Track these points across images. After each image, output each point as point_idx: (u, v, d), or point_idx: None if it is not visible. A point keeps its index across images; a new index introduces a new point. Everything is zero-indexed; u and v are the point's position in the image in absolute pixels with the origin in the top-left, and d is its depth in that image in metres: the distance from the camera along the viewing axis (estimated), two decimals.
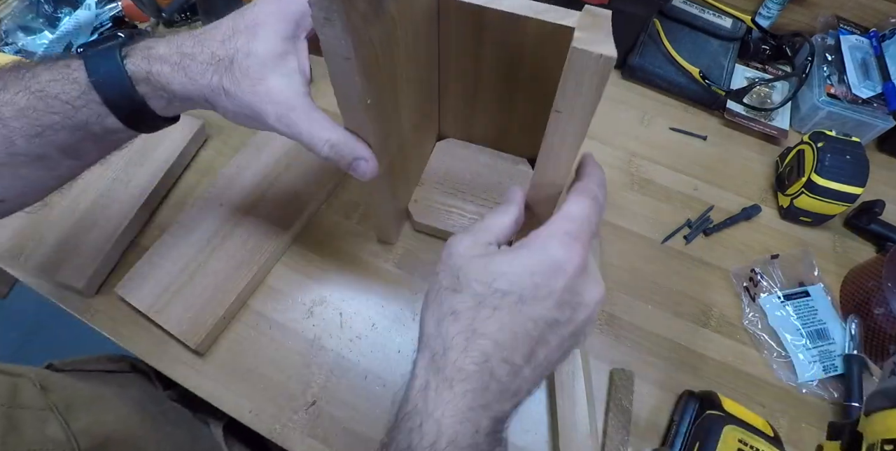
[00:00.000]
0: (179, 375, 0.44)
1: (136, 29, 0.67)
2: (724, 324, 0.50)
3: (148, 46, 0.32)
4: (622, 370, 0.46)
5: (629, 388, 0.45)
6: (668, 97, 0.66)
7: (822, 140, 0.53)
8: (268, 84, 0.32)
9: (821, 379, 0.47)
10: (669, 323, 0.49)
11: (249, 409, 0.43)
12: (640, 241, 0.54)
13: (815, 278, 0.52)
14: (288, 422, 0.43)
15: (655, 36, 0.66)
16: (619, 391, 0.45)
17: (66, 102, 0.31)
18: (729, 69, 0.65)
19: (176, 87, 0.32)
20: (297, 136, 0.33)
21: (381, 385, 0.44)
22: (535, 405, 0.44)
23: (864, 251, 0.56)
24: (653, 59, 0.65)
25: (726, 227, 0.56)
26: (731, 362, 0.48)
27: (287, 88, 0.32)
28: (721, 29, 0.68)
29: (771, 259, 0.53)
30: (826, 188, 0.51)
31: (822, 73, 0.63)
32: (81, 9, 0.68)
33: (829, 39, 0.66)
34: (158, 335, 0.45)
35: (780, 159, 0.60)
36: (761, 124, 0.63)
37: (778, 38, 0.69)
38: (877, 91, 0.60)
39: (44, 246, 0.47)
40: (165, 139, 0.54)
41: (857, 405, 0.45)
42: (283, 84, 0.32)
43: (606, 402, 0.45)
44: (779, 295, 0.51)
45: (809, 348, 0.48)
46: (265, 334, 0.46)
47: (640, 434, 0.44)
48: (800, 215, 0.56)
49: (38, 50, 0.65)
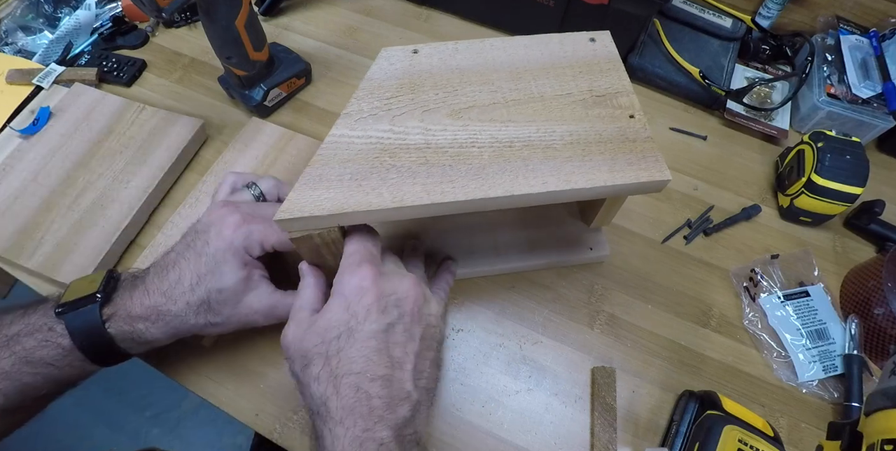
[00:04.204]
0: (180, 376, 0.44)
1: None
2: (724, 324, 0.50)
3: (126, 309, 0.36)
4: (603, 368, 0.46)
5: (611, 385, 0.45)
6: (668, 97, 0.66)
7: (822, 140, 0.53)
8: (246, 303, 0.37)
9: (821, 379, 0.47)
10: (669, 323, 0.49)
11: (255, 412, 0.43)
12: (640, 241, 0.54)
13: (815, 278, 0.52)
14: (288, 422, 0.43)
15: (655, 36, 0.66)
16: (601, 388, 0.44)
17: (50, 364, 0.34)
18: (729, 69, 0.65)
19: (159, 336, 0.36)
20: (286, 318, 0.37)
21: None
22: (535, 406, 0.44)
23: (864, 251, 0.56)
24: (653, 59, 0.65)
25: (726, 227, 0.56)
26: (731, 363, 0.48)
27: (261, 296, 0.38)
28: (721, 29, 0.68)
29: (771, 259, 0.53)
30: (826, 188, 0.51)
31: (822, 74, 0.63)
32: (81, 9, 0.68)
33: (829, 39, 0.66)
34: None
35: (780, 159, 0.60)
36: (761, 124, 0.63)
37: (778, 38, 0.69)
38: (877, 91, 0.60)
39: (44, 246, 0.47)
40: (165, 139, 0.54)
41: (857, 405, 0.45)
42: (257, 296, 0.38)
43: (591, 401, 0.45)
44: (779, 295, 0.51)
45: (809, 348, 0.48)
46: (265, 335, 0.46)
47: (640, 434, 0.44)
48: (800, 215, 0.56)
49: (37, 50, 0.65)
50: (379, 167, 0.35)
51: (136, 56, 0.64)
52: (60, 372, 0.35)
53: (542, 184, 0.34)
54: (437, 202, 0.34)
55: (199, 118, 0.56)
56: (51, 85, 0.60)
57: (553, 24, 0.65)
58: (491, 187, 0.34)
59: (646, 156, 0.36)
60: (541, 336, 0.48)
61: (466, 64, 0.41)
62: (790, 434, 0.45)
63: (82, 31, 0.67)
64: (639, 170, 0.35)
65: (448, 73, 0.40)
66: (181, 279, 0.36)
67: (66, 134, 0.54)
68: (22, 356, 0.34)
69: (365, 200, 0.34)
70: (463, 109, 0.38)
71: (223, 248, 0.36)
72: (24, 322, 0.35)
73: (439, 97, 0.39)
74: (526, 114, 0.38)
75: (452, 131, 0.37)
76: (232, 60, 0.53)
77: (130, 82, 0.62)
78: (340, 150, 0.36)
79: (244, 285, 0.37)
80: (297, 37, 0.68)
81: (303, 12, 0.71)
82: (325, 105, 0.62)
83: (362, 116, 0.38)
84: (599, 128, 0.37)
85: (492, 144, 0.36)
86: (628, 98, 0.39)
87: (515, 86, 0.40)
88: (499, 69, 0.41)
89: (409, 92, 0.39)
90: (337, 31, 0.69)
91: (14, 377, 0.34)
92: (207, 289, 0.36)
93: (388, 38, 0.69)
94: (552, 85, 0.40)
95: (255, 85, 0.57)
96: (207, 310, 0.36)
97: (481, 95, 0.39)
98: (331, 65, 0.65)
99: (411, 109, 0.38)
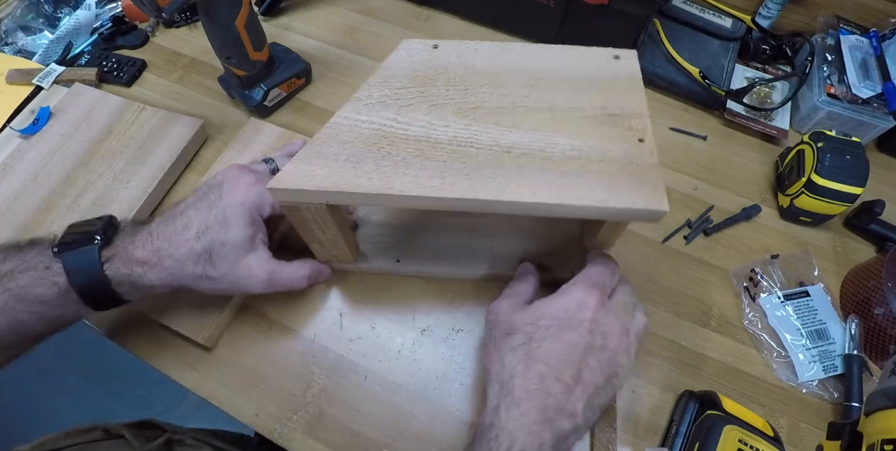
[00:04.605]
0: (180, 375, 0.44)
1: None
2: (724, 324, 0.50)
3: (126, 252, 0.35)
4: None
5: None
6: (668, 97, 0.66)
7: (822, 140, 0.53)
8: (246, 263, 0.38)
9: (821, 379, 0.47)
10: (669, 323, 0.49)
11: (255, 412, 0.43)
12: (640, 241, 0.54)
13: (815, 278, 0.52)
14: (288, 422, 0.43)
15: (655, 36, 0.66)
16: None
17: (44, 302, 0.34)
18: (729, 69, 0.65)
19: (155, 282, 0.36)
20: (282, 288, 0.41)
21: (382, 386, 0.44)
22: None
23: (864, 251, 0.56)
24: (653, 59, 0.65)
25: (726, 227, 0.56)
26: (731, 363, 0.48)
27: (260, 260, 0.39)
28: (721, 29, 0.68)
29: (771, 259, 0.53)
30: (826, 188, 0.51)
31: (822, 74, 0.63)
32: (81, 9, 0.68)
33: (829, 39, 0.66)
34: (160, 337, 0.45)
35: (780, 159, 0.60)
36: (761, 124, 0.63)
37: (778, 38, 0.69)
38: (877, 91, 0.60)
39: None
40: (165, 139, 0.54)
41: (857, 405, 0.45)
42: (257, 259, 0.39)
43: None
44: (779, 295, 0.51)
45: (809, 348, 0.48)
46: (265, 335, 0.46)
47: (640, 434, 0.44)
48: (800, 215, 0.56)
49: (37, 50, 0.65)
50: (376, 153, 0.35)
51: (136, 56, 0.64)
52: (54, 312, 0.34)
53: (531, 194, 0.33)
54: (423, 195, 0.33)
55: (199, 118, 0.56)
56: (51, 85, 0.60)
57: (553, 24, 0.65)
58: (480, 189, 0.34)
59: (646, 182, 0.34)
60: None
61: (483, 65, 0.40)
62: (790, 434, 0.45)
63: (82, 31, 0.67)
64: (636, 196, 0.33)
65: (463, 71, 0.40)
66: (188, 226, 0.37)
67: (66, 134, 0.54)
68: (16, 293, 0.33)
69: (354, 182, 0.34)
70: (470, 108, 0.38)
71: (235, 203, 0.37)
72: (18, 259, 0.34)
73: (449, 94, 0.39)
74: (532, 122, 0.37)
75: (454, 129, 0.37)
76: (232, 60, 0.53)
77: (130, 82, 0.62)
78: (343, 131, 0.37)
79: (247, 244, 0.38)
80: (297, 37, 0.68)
81: (303, 12, 0.71)
82: (325, 105, 0.62)
83: (371, 101, 0.38)
84: (605, 147, 0.36)
85: (491, 146, 0.36)
86: (642, 121, 0.37)
87: (528, 93, 0.39)
88: (515, 74, 0.40)
89: (421, 85, 0.39)
90: (337, 31, 0.69)
91: (7, 314, 0.33)
92: (212, 240, 0.36)
93: (389, 39, 0.69)
94: (565, 97, 0.39)
95: (255, 85, 0.57)
96: (207, 261, 0.37)
97: (491, 97, 0.39)
98: (331, 65, 0.65)
99: (419, 102, 0.38)
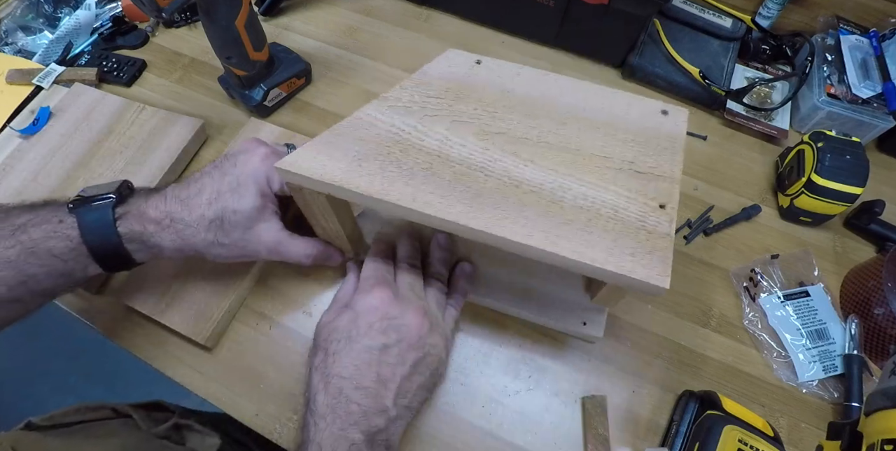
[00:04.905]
0: (180, 375, 0.44)
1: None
2: (724, 324, 0.50)
3: (139, 210, 0.36)
4: (593, 397, 0.44)
5: (603, 415, 0.43)
6: (668, 97, 0.66)
7: (822, 140, 0.53)
8: (256, 231, 0.39)
9: (821, 379, 0.47)
10: (669, 323, 0.49)
11: (255, 412, 0.43)
12: None
13: (815, 278, 0.52)
14: (288, 422, 0.43)
15: (655, 36, 0.66)
16: (593, 419, 0.43)
17: (55, 256, 0.34)
18: (729, 69, 0.65)
19: (167, 244, 0.37)
20: (285, 259, 0.41)
21: None
22: (535, 406, 0.44)
23: (864, 251, 0.56)
24: (653, 59, 0.65)
25: (726, 227, 0.56)
26: (731, 363, 0.48)
27: (270, 230, 0.39)
28: (721, 29, 0.68)
29: (771, 259, 0.53)
30: (826, 188, 0.51)
31: (822, 74, 0.63)
32: (81, 9, 0.68)
33: (829, 39, 0.66)
34: (160, 337, 0.45)
35: (780, 159, 0.60)
36: (761, 124, 0.63)
37: (778, 38, 0.69)
38: (877, 91, 0.60)
39: None
40: (165, 139, 0.54)
41: (857, 405, 0.45)
42: (267, 228, 0.39)
43: (583, 432, 0.43)
44: (779, 295, 0.51)
45: (809, 348, 0.48)
46: (265, 334, 0.46)
47: (640, 434, 0.44)
48: (800, 215, 0.56)
49: (37, 50, 0.65)
50: (385, 157, 0.35)
51: (136, 56, 0.64)
52: (64, 266, 0.35)
53: (524, 235, 0.31)
54: (416, 210, 0.32)
55: (199, 118, 0.56)
56: (51, 85, 0.60)
57: (553, 24, 0.65)
58: (473, 217, 0.32)
59: (654, 253, 0.31)
60: (541, 336, 0.48)
61: (521, 90, 0.39)
62: (790, 434, 0.45)
63: (82, 31, 0.67)
64: (636, 264, 0.30)
65: (498, 93, 0.39)
66: (201, 192, 0.37)
67: (66, 134, 0.54)
68: (28, 246, 0.33)
69: (355, 181, 0.33)
70: (493, 132, 0.37)
71: (248, 172, 0.38)
72: (32, 213, 0.35)
73: (477, 113, 0.38)
74: (552, 160, 0.35)
75: (470, 150, 0.36)
76: (232, 60, 0.53)
77: (130, 82, 0.62)
78: (361, 127, 0.37)
79: (258, 214, 0.38)
80: (297, 37, 0.68)
81: (303, 12, 0.71)
82: (325, 105, 0.62)
83: (397, 104, 0.38)
84: (620, 204, 0.33)
85: (500, 176, 0.34)
86: (670, 186, 0.34)
87: (557, 128, 0.37)
88: (550, 106, 0.38)
89: (452, 98, 0.39)
90: (337, 31, 0.69)
91: (18, 267, 0.33)
92: (223, 207, 0.37)
93: (389, 39, 0.69)
94: (595, 142, 0.36)
95: (255, 85, 0.57)
96: (219, 228, 0.37)
97: (517, 126, 0.37)
98: (331, 65, 0.65)
99: (444, 115, 0.38)
